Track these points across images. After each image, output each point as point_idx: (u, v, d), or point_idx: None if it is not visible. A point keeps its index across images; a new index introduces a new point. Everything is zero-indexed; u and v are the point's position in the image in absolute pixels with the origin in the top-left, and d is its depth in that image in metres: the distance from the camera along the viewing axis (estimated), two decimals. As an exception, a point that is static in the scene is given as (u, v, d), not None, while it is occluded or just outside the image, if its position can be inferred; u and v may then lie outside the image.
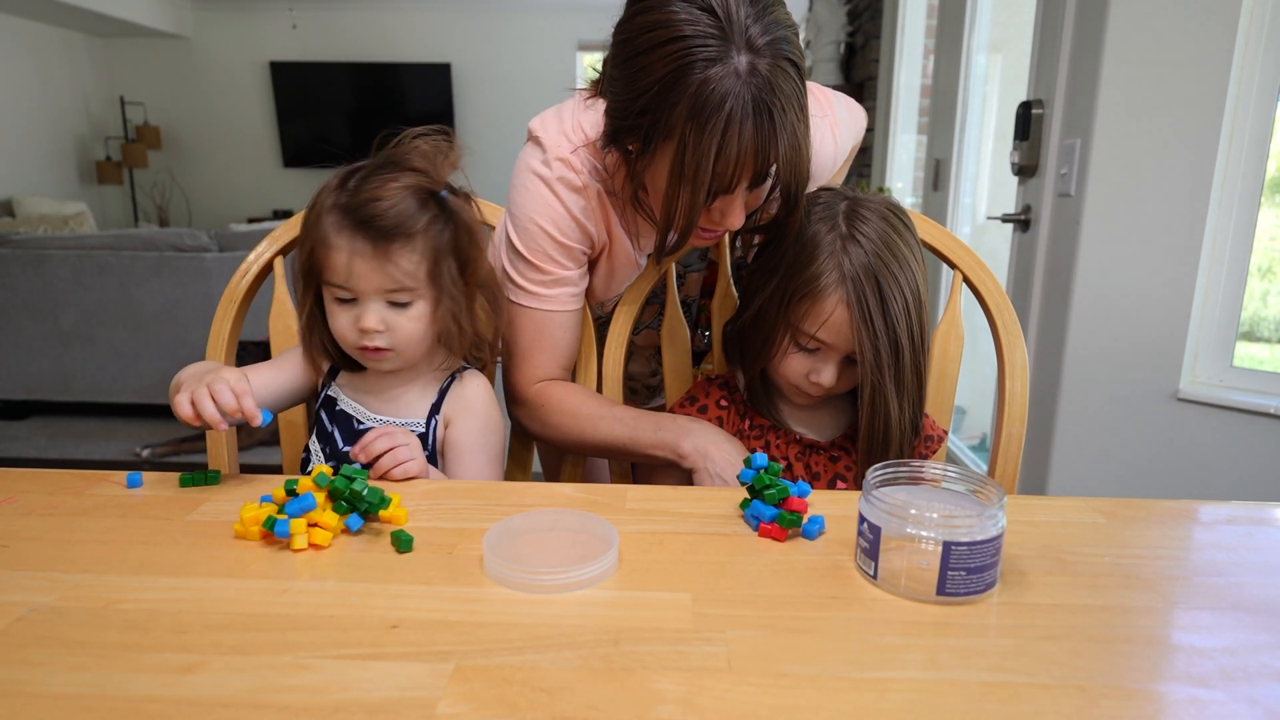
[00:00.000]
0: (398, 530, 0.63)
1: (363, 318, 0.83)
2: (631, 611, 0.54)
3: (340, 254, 0.82)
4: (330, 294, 0.85)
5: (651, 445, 0.88)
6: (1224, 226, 1.61)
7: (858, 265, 0.80)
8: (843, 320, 0.80)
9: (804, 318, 0.82)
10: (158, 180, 6.26)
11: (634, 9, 0.76)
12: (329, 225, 0.82)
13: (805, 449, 0.91)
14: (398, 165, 0.85)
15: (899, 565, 0.57)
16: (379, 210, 0.81)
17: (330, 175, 0.86)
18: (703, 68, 0.71)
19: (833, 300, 0.80)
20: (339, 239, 0.81)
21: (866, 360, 0.80)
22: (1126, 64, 1.59)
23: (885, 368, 0.80)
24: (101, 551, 0.62)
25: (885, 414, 0.82)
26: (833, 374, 0.84)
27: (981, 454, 2.77)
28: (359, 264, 0.81)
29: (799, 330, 0.83)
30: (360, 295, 0.83)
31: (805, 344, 0.84)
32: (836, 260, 0.81)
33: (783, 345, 0.85)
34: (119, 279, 3.14)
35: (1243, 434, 1.60)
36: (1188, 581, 0.60)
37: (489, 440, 0.92)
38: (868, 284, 0.79)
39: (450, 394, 0.92)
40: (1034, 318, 1.89)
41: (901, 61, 3.29)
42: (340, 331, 0.85)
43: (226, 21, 6.10)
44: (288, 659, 0.48)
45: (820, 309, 0.81)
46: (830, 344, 0.83)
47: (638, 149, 0.80)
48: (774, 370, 0.88)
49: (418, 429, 0.90)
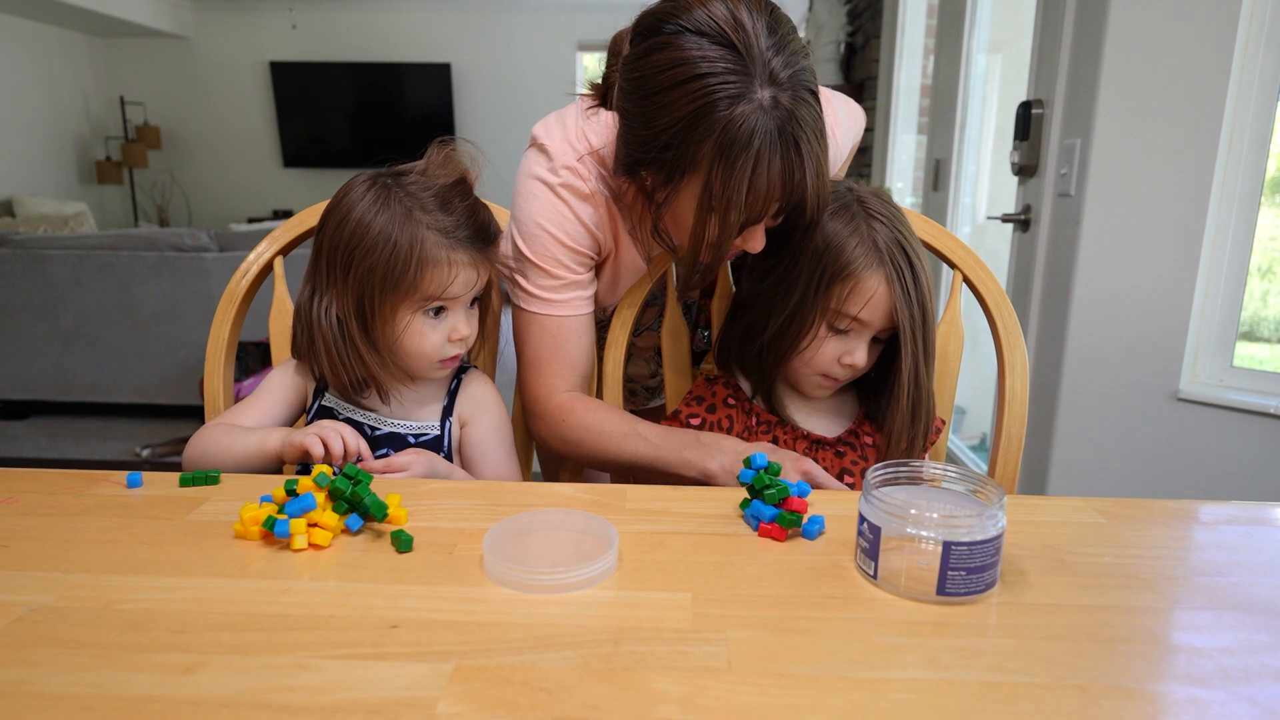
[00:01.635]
0: (398, 530, 0.63)
1: (459, 326, 0.87)
2: (631, 611, 0.54)
3: (453, 271, 0.84)
4: (418, 311, 0.85)
5: (678, 465, 0.87)
6: (1224, 226, 1.61)
7: (889, 242, 0.83)
8: (885, 296, 0.83)
9: (846, 300, 0.84)
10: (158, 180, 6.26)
11: (647, 46, 0.76)
12: (433, 245, 0.82)
13: (812, 445, 0.92)
14: (457, 173, 0.88)
15: (899, 565, 0.57)
16: (486, 220, 0.87)
17: (358, 201, 0.84)
18: (727, 105, 0.71)
19: (876, 278, 0.83)
20: (454, 255, 0.83)
21: (907, 332, 0.83)
22: (1126, 64, 1.59)
23: (919, 338, 0.84)
24: (101, 551, 0.62)
25: (917, 384, 0.85)
26: (864, 353, 0.87)
27: (981, 454, 2.77)
28: (466, 274, 0.85)
29: (838, 314, 0.85)
30: (453, 305, 0.86)
31: (843, 326, 0.86)
32: (870, 241, 0.83)
33: (817, 333, 0.86)
34: (119, 279, 3.14)
35: (1243, 434, 1.60)
36: (1188, 581, 0.60)
37: (505, 435, 0.95)
38: (900, 258, 0.83)
39: (461, 395, 0.94)
40: (1034, 318, 1.89)
41: (901, 61, 3.29)
42: (427, 349, 0.86)
43: (226, 21, 6.10)
44: (288, 659, 0.48)
45: (864, 288, 0.83)
46: (867, 322, 0.85)
47: (658, 180, 0.80)
48: (802, 360, 0.88)
49: (432, 432, 0.91)
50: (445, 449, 0.91)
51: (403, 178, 0.86)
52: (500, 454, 0.94)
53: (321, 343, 0.85)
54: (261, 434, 0.84)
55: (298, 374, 0.93)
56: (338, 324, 0.85)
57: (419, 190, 0.84)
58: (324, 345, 0.85)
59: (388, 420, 0.91)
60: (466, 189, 0.88)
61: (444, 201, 0.85)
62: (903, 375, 0.84)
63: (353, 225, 0.83)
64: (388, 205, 0.83)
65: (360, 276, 0.83)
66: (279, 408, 0.91)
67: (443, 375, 0.92)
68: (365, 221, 0.82)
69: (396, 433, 0.91)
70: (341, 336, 0.85)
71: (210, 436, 0.85)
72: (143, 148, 5.89)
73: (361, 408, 0.91)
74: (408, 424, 0.91)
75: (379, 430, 0.90)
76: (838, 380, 0.89)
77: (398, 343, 0.85)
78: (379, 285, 0.82)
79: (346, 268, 0.84)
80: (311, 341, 0.86)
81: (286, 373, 0.93)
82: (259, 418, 0.89)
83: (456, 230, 0.84)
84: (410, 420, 0.91)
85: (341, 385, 0.88)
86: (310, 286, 0.87)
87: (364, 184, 0.86)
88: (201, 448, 0.85)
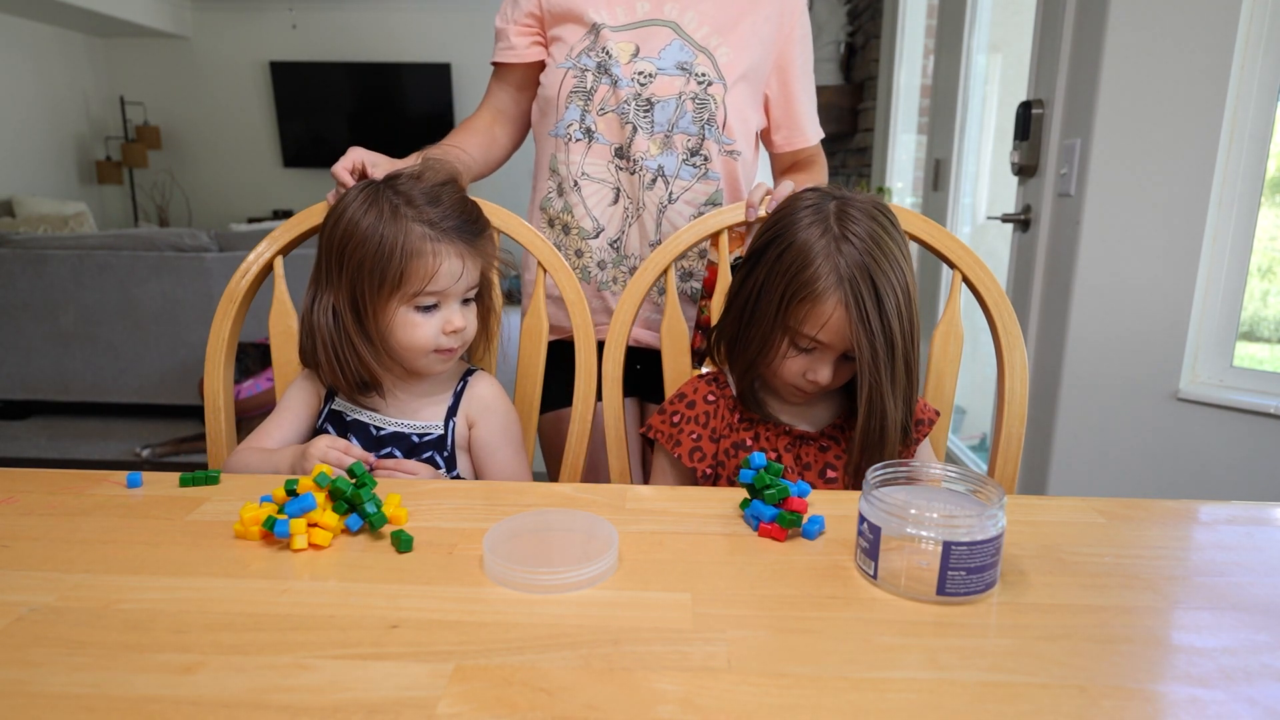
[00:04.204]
0: (398, 530, 0.63)
1: (452, 319, 0.87)
2: (631, 611, 0.54)
3: (437, 261, 0.85)
4: (409, 305, 0.86)
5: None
6: (1224, 226, 1.61)
7: (853, 266, 0.80)
8: (841, 321, 0.81)
9: (803, 321, 0.82)
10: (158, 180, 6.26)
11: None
12: (419, 238, 0.84)
13: (795, 440, 0.92)
14: (446, 171, 0.90)
15: (899, 565, 0.57)
16: (474, 212, 0.89)
17: (350, 203, 0.87)
18: None
19: (831, 302, 0.80)
20: (438, 246, 0.85)
21: (864, 360, 0.80)
22: (1126, 64, 1.59)
23: (882, 366, 0.80)
24: (101, 551, 0.62)
25: (882, 412, 0.82)
26: (829, 372, 0.85)
27: (981, 454, 2.77)
28: (453, 266, 0.86)
29: (798, 333, 0.84)
30: (445, 299, 0.87)
31: (804, 345, 0.84)
32: (833, 262, 0.81)
33: (781, 349, 0.85)
34: (119, 279, 3.14)
35: (1243, 434, 1.60)
36: (1188, 581, 0.60)
37: (514, 434, 0.97)
38: (864, 284, 0.80)
39: (467, 396, 0.95)
40: (1034, 318, 1.89)
41: (901, 61, 3.29)
42: (419, 340, 0.87)
43: (226, 21, 6.09)
44: (288, 659, 0.48)
45: (819, 311, 0.81)
46: (828, 344, 0.83)
47: None
48: (770, 372, 0.88)
49: (436, 431, 0.92)
50: (449, 449, 0.92)
51: (394, 180, 0.89)
52: (508, 453, 0.96)
53: (320, 341, 0.87)
54: (274, 463, 0.87)
55: (310, 382, 0.95)
56: (334, 319, 0.87)
57: (408, 189, 0.87)
58: (323, 344, 0.87)
59: (392, 420, 0.92)
60: (456, 187, 0.90)
61: (432, 198, 0.87)
62: (861, 400, 0.82)
63: (344, 224, 0.86)
64: (376, 204, 0.86)
65: (351, 272, 0.86)
66: (297, 421, 0.94)
67: (442, 369, 0.92)
68: (355, 220, 0.86)
69: (401, 432, 0.92)
70: (338, 332, 0.87)
71: (234, 464, 0.90)
72: (143, 148, 5.89)
73: (367, 409, 0.92)
74: (412, 424, 0.92)
75: (384, 430, 0.91)
76: (807, 393, 0.88)
77: (391, 335, 0.87)
78: (368, 279, 0.85)
79: (340, 265, 0.86)
80: (314, 344, 0.88)
81: (300, 384, 0.96)
82: (281, 435, 0.93)
83: (442, 221, 0.85)
84: (415, 420, 0.93)
85: (344, 385, 0.89)
86: (312, 292, 0.90)
87: (358, 189, 0.89)
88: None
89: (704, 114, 1.10)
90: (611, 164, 1.12)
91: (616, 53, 1.08)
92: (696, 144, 1.11)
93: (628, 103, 1.09)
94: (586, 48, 1.09)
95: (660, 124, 1.10)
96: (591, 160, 1.12)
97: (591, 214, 1.13)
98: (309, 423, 0.95)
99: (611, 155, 1.12)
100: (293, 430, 0.94)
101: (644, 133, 1.09)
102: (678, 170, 1.12)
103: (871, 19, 3.55)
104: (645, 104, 1.09)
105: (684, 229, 1.02)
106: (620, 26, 1.09)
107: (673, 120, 1.10)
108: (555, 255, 1.02)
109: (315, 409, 0.95)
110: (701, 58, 1.10)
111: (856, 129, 3.80)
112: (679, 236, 1.02)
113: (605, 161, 1.12)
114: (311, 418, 0.95)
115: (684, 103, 1.10)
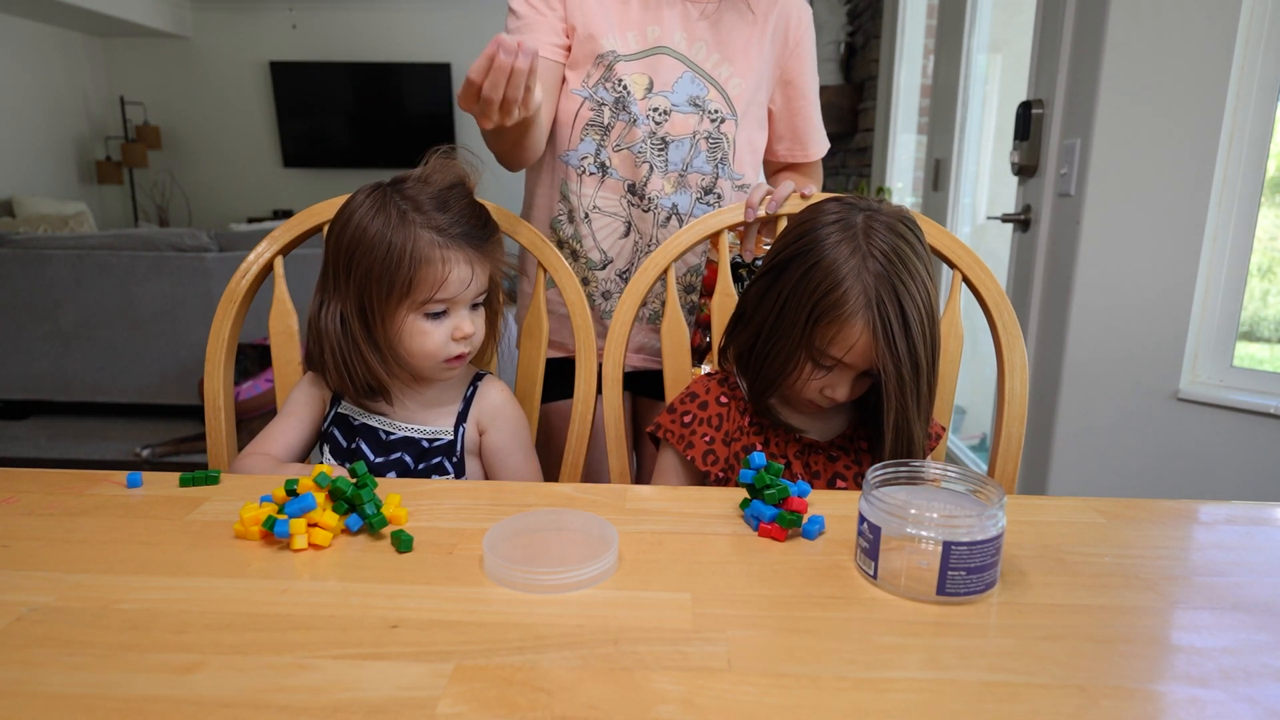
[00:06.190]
0: (398, 530, 0.63)
1: (462, 325, 0.87)
2: (631, 611, 0.54)
3: (446, 268, 0.84)
4: (418, 312, 0.85)
5: None
6: (1224, 226, 1.61)
7: (881, 289, 0.79)
8: (867, 344, 0.80)
9: (830, 342, 0.81)
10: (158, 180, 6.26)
11: None
12: (427, 244, 0.83)
13: (805, 448, 0.92)
14: (454, 174, 0.89)
15: (899, 565, 0.57)
16: (483, 217, 0.89)
17: (357, 208, 0.86)
18: None
19: (859, 325, 0.79)
20: (447, 253, 0.84)
21: (890, 384, 0.79)
22: (1126, 64, 1.59)
23: (908, 389, 0.79)
24: (101, 551, 0.62)
25: (909, 436, 0.81)
26: (847, 390, 0.84)
27: (981, 454, 2.77)
28: (462, 272, 0.85)
29: (822, 353, 0.83)
30: (454, 305, 0.87)
31: (826, 364, 0.84)
32: (862, 283, 0.79)
33: (804, 370, 0.84)
34: (119, 279, 3.14)
35: (1243, 434, 1.60)
36: (1188, 581, 0.60)
37: (524, 438, 0.97)
38: (891, 307, 0.78)
39: (477, 401, 0.95)
40: (1034, 318, 1.89)
41: (901, 61, 3.29)
42: (429, 347, 0.86)
43: (226, 21, 6.09)
44: (288, 659, 0.48)
45: (847, 334, 0.80)
46: (850, 364, 0.83)
47: None
48: (786, 384, 0.87)
49: (445, 437, 0.92)
50: (459, 454, 0.92)
51: (402, 184, 0.87)
52: (520, 458, 0.96)
53: (328, 348, 0.87)
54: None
55: (315, 386, 0.95)
56: (341, 326, 0.86)
57: (416, 194, 0.86)
58: (330, 349, 0.87)
59: (401, 425, 0.92)
60: (465, 190, 0.90)
61: (440, 202, 0.86)
62: (887, 424, 0.81)
63: (352, 230, 0.85)
64: (384, 209, 0.85)
65: (359, 279, 0.84)
66: (301, 425, 0.93)
67: (451, 376, 0.92)
68: (363, 226, 0.84)
69: (410, 438, 0.92)
70: (345, 338, 0.86)
71: (241, 469, 0.89)
72: (143, 148, 5.89)
73: (374, 413, 0.92)
74: (421, 429, 0.92)
75: (393, 435, 0.91)
76: (821, 408, 0.88)
77: (400, 343, 0.86)
78: (376, 286, 0.84)
79: (347, 272, 0.86)
80: (321, 350, 0.88)
81: (305, 387, 0.95)
82: (286, 440, 0.92)
83: (451, 228, 0.85)
84: (424, 425, 0.92)
85: (350, 391, 0.89)
86: (319, 298, 0.89)
87: (365, 192, 0.88)
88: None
89: (717, 153, 1.11)
90: (624, 199, 1.11)
91: (632, 87, 1.07)
92: (710, 182, 1.12)
93: (644, 141, 1.08)
94: (602, 78, 1.08)
95: (675, 163, 1.10)
96: (604, 195, 1.11)
97: (600, 246, 1.13)
98: (314, 427, 0.94)
99: (624, 190, 1.11)
100: (298, 435, 0.93)
101: (659, 172, 1.09)
102: (691, 209, 1.12)
103: (871, 19, 3.55)
104: (660, 143, 1.09)
105: (684, 229, 1.03)
106: (631, 56, 1.08)
107: (687, 160, 1.10)
108: (556, 256, 1.02)
109: (321, 413, 0.95)
110: (713, 92, 1.09)
111: (856, 129, 3.80)
112: (679, 237, 1.02)
113: (618, 196, 1.11)
114: (317, 422, 0.94)
115: (698, 142, 1.10)
